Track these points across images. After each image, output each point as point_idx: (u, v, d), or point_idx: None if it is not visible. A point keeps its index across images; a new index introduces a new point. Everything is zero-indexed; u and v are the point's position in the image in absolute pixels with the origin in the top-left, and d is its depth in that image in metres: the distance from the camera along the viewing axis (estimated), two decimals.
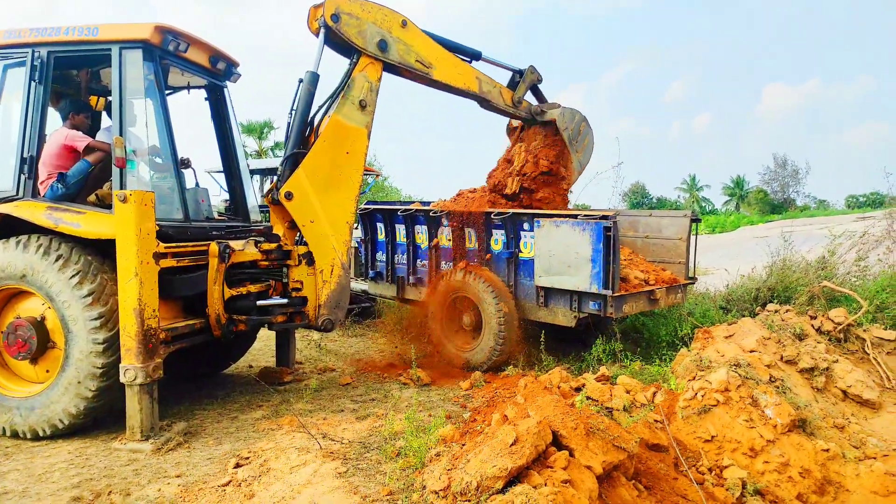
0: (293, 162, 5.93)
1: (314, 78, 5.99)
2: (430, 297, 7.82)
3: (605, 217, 6.19)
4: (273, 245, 6.01)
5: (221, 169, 6.86)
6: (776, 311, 7.21)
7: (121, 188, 4.98)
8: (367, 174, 14.30)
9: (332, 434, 5.02)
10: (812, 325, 6.85)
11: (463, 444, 4.31)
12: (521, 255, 7.13)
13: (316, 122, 6.12)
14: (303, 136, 6.07)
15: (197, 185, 6.17)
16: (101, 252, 5.06)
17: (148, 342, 4.74)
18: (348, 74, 6.02)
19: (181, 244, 5.28)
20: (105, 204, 5.48)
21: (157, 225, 4.90)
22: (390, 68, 6.24)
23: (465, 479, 3.55)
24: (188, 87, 6.33)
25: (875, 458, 4.80)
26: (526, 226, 7.02)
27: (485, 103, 6.95)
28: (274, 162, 14.37)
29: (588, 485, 3.72)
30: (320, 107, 6.07)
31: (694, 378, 5.31)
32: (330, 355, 8.21)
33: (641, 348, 7.41)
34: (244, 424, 5.42)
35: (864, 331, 6.80)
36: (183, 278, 5.35)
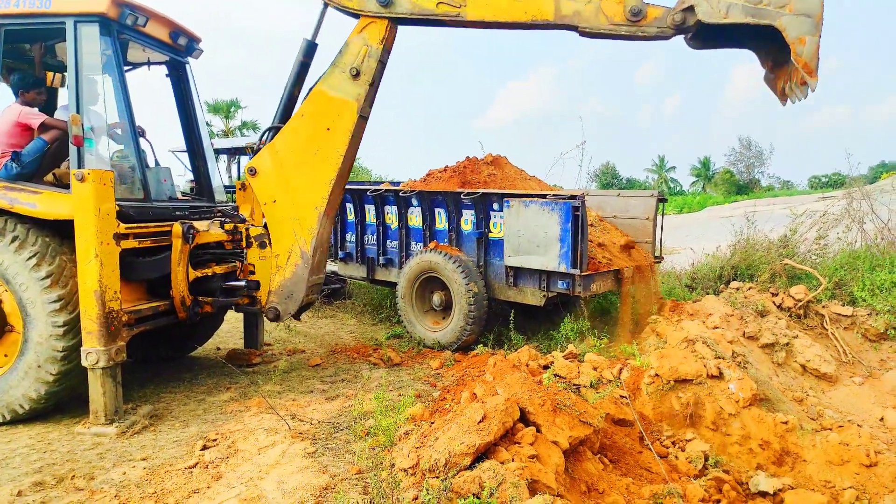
0: (271, 137, 5.56)
1: (309, 47, 5.46)
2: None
3: (573, 197, 6.23)
4: (231, 225, 5.89)
5: (185, 148, 6.69)
6: (739, 289, 7.39)
7: (78, 167, 4.82)
8: None
9: (301, 415, 5.01)
10: (773, 302, 7.03)
11: (432, 423, 4.33)
12: (490, 235, 7.15)
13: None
14: (287, 112, 5.61)
15: (158, 163, 6.01)
16: (60, 233, 4.91)
17: (110, 325, 4.64)
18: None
19: (143, 225, 5.15)
20: (63, 184, 5.32)
21: (118, 205, 4.78)
22: (403, 21, 5.22)
23: (434, 456, 3.58)
24: (148, 63, 6.13)
25: (831, 430, 4.98)
26: (495, 206, 7.02)
27: (578, 31, 4.76)
28: (240, 141, 14.11)
29: (555, 459, 3.77)
30: (318, 80, 5.48)
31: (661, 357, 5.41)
32: (299, 336, 8.16)
33: (609, 326, 7.51)
34: (211, 407, 5.36)
35: (823, 307, 7.00)
36: (146, 260, 5.23)
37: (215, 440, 4.51)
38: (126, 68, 5.60)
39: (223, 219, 5.90)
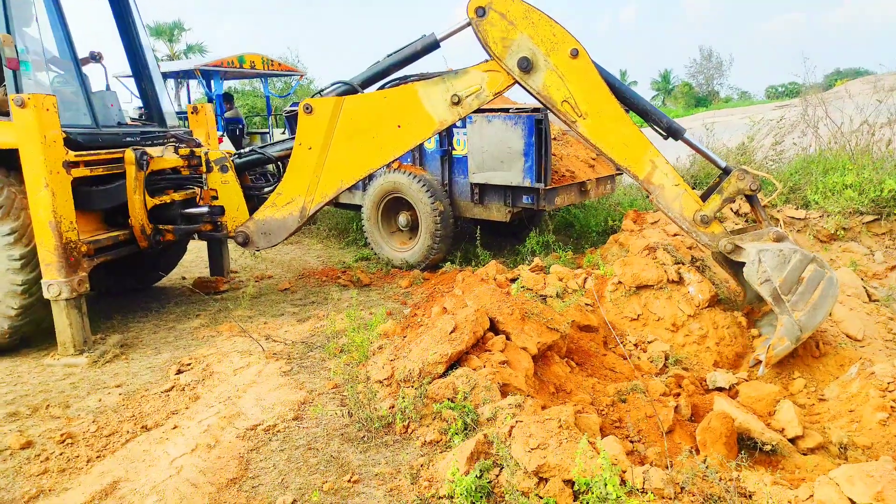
0: (340, 92, 5.25)
1: (431, 43, 5.02)
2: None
3: (536, 110, 6.17)
4: (187, 150, 5.70)
5: (130, 73, 6.33)
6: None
7: (16, 92, 4.54)
8: (291, 74, 13.61)
9: (275, 336, 5.05)
10: (731, 209, 7.23)
11: (404, 337, 4.43)
12: (454, 152, 7.08)
13: (395, 79, 5.28)
14: (371, 80, 5.28)
15: (108, 87, 5.69)
16: (2, 164, 4.67)
17: (69, 256, 4.52)
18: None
19: (93, 152, 4.94)
20: (1, 111, 5.02)
21: (64, 132, 4.56)
22: (527, 91, 4.91)
23: (408, 366, 3.68)
24: None
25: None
26: (458, 122, 6.90)
27: (649, 195, 4.94)
28: (187, 63, 13.42)
29: (524, 364, 3.92)
30: (422, 75, 5.19)
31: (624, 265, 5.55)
32: (266, 263, 8.11)
33: (573, 239, 7.66)
34: (182, 333, 5.36)
35: (778, 211, 7.23)
36: (99, 189, 5.05)
37: (189, 364, 4.54)
38: None
39: (177, 144, 5.69)
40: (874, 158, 7.64)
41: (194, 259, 8.11)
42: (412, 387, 3.61)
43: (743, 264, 4.66)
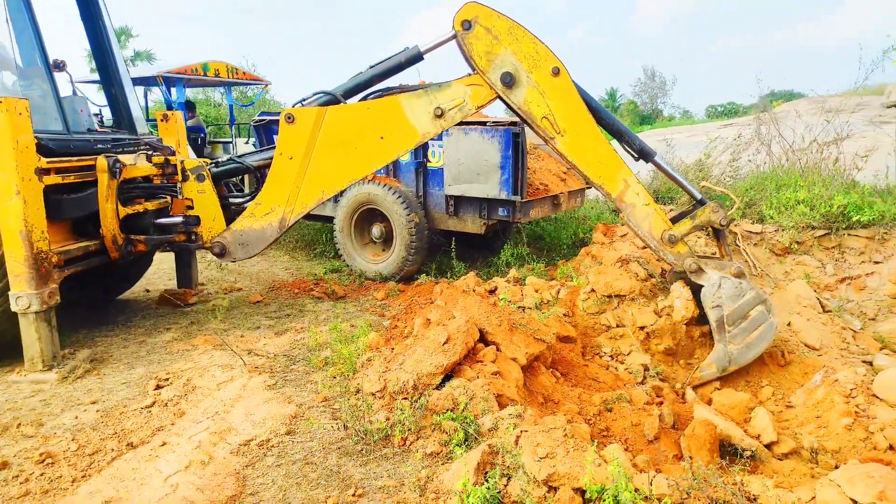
0: (322, 102, 5.22)
1: (414, 55, 5.00)
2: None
3: (513, 124, 6.28)
4: (161, 158, 5.55)
5: (93, 79, 6.12)
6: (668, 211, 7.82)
7: None
8: (256, 83, 13.40)
9: (255, 349, 4.95)
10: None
11: (392, 349, 4.42)
12: (429, 164, 7.12)
13: (378, 90, 5.24)
14: (353, 91, 5.25)
15: (75, 93, 5.49)
16: None
17: (39, 266, 4.33)
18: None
19: (65, 159, 4.75)
20: None
21: (35, 137, 4.38)
22: (508, 106, 5.01)
23: (402, 378, 3.68)
24: None
25: None
26: None
27: (620, 213, 5.07)
28: (139, 71, 13.03)
29: (515, 374, 3.98)
30: (403, 87, 5.18)
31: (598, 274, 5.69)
32: (233, 275, 7.93)
33: (545, 252, 7.80)
34: (155, 347, 5.19)
35: (736, 225, 7.55)
36: (71, 197, 4.86)
37: (168, 379, 4.40)
38: None
39: (150, 151, 5.53)
40: (823, 175, 8.08)
41: (156, 271, 7.86)
42: (407, 398, 3.61)
43: (701, 287, 4.87)
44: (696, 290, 5.03)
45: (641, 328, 5.19)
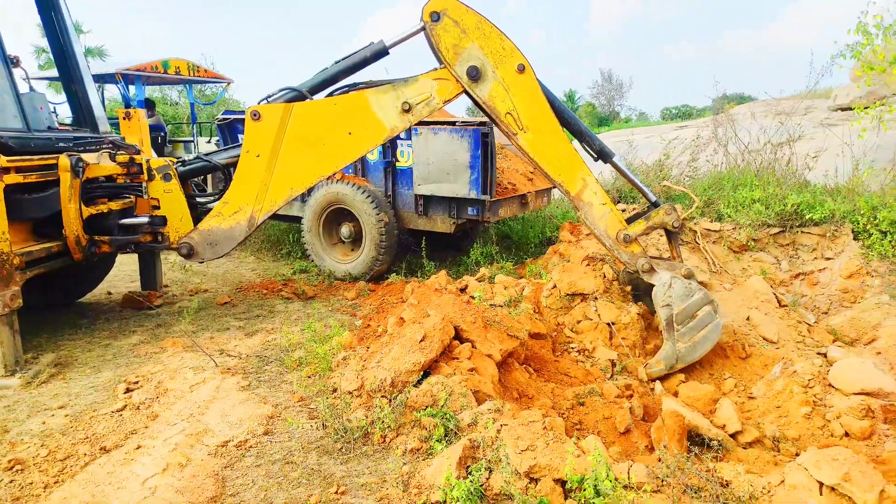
0: (288, 98, 5.19)
1: (379, 49, 5.00)
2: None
3: (482, 124, 6.35)
4: (125, 157, 5.44)
5: (43, 76, 5.93)
6: (624, 210, 8.01)
7: None
8: (218, 82, 13.16)
9: (227, 350, 4.89)
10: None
11: (368, 347, 4.43)
12: (398, 164, 7.13)
13: (344, 86, 5.23)
14: (319, 87, 5.23)
15: (32, 89, 5.32)
16: None
17: (1, 269, 4.20)
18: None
19: (25, 158, 4.61)
20: None
21: None
22: (472, 100, 5.04)
23: (381, 375, 3.70)
24: None
25: None
26: (402, 135, 6.97)
27: (578, 211, 5.17)
28: (95, 68, 12.65)
29: (490, 371, 4.04)
30: (369, 83, 5.16)
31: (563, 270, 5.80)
32: (198, 276, 7.79)
33: (513, 250, 7.90)
34: (121, 351, 5.07)
35: (696, 224, 7.78)
36: (32, 197, 4.72)
37: (137, 382, 4.32)
38: None
39: (114, 150, 5.40)
40: (777, 175, 8.40)
41: (117, 273, 7.66)
42: (386, 396, 3.63)
43: (652, 286, 5.03)
44: (648, 289, 5.19)
45: (607, 324, 5.32)
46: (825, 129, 10.16)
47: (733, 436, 4.12)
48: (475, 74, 4.81)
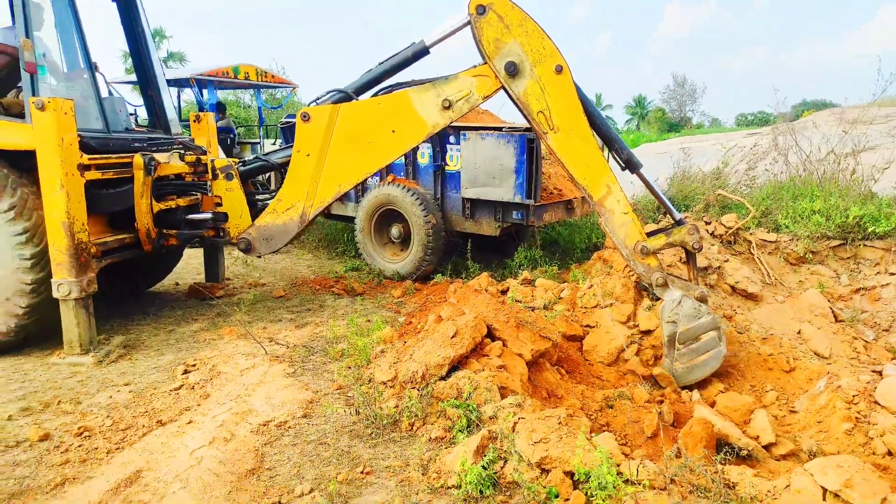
0: (336, 100, 5.43)
1: (420, 49, 5.16)
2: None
3: (528, 130, 6.47)
4: (193, 157, 5.87)
5: (126, 80, 6.47)
6: (658, 222, 7.92)
7: (33, 96, 4.68)
8: (284, 87, 13.79)
9: (277, 340, 5.22)
10: (707, 230, 7.61)
11: (405, 342, 4.64)
12: (447, 167, 7.35)
13: (388, 86, 5.44)
14: (364, 87, 5.46)
15: (111, 93, 5.84)
16: (15, 165, 4.79)
17: (80, 256, 4.66)
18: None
19: (104, 156, 5.09)
20: (12, 113, 5.14)
21: (78, 135, 4.71)
22: (509, 97, 5.12)
23: (412, 368, 3.90)
24: None
25: (755, 342, 5.60)
26: (452, 139, 7.20)
27: (599, 217, 5.17)
28: (173, 73, 13.52)
29: (519, 369, 4.17)
30: (412, 82, 5.34)
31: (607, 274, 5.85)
32: (258, 271, 8.25)
33: (558, 255, 7.97)
34: (183, 336, 5.49)
35: (751, 234, 7.62)
36: (109, 192, 5.19)
37: (195, 365, 4.69)
38: None
39: (183, 150, 5.86)
40: (840, 186, 8.10)
41: (185, 266, 8.21)
42: (416, 387, 3.83)
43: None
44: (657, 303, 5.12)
45: (644, 332, 5.34)
46: (895, 139, 9.69)
47: (768, 448, 4.09)
48: (513, 70, 4.88)
